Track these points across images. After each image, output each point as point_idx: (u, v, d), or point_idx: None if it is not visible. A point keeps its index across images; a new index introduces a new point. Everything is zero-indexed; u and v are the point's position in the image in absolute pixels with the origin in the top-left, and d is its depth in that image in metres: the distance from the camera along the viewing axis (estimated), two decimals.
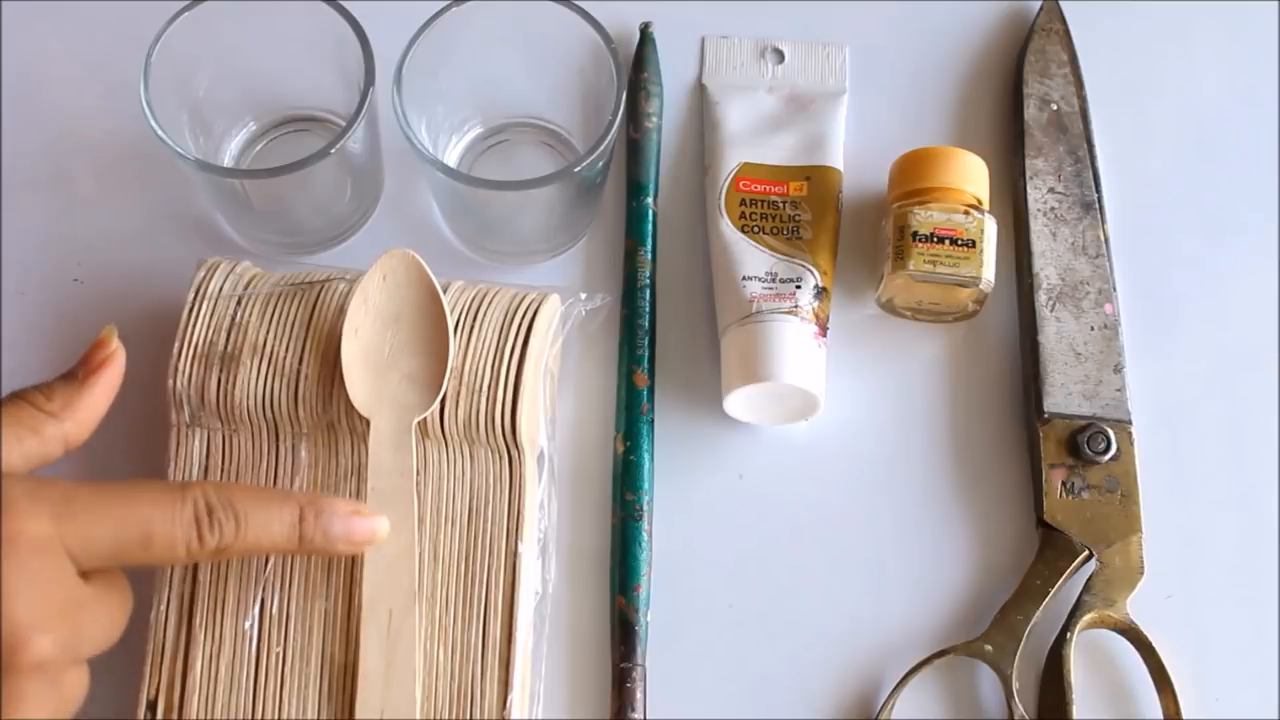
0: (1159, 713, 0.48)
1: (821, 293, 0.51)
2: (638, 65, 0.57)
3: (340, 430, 0.48)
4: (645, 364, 0.53)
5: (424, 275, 0.47)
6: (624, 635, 0.49)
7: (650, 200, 0.55)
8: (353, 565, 0.46)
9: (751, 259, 0.52)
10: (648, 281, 0.54)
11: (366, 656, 0.45)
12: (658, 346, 0.54)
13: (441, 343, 0.46)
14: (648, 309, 0.54)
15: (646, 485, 0.51)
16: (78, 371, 0.43)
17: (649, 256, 0.54)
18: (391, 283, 0.47)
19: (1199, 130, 0.58)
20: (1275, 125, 0.58)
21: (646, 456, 0.51)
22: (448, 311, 0.46)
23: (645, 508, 0.51)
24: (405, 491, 0.46)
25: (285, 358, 0.48)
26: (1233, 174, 0.57)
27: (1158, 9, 0.60)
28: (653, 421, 0.52)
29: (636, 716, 0.48)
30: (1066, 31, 0.57)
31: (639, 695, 0.48)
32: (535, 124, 0.56)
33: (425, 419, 0.46)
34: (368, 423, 0.46)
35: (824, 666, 0.50)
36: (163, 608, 0.47)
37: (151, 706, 0.46)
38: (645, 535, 0.50)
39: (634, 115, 0.57)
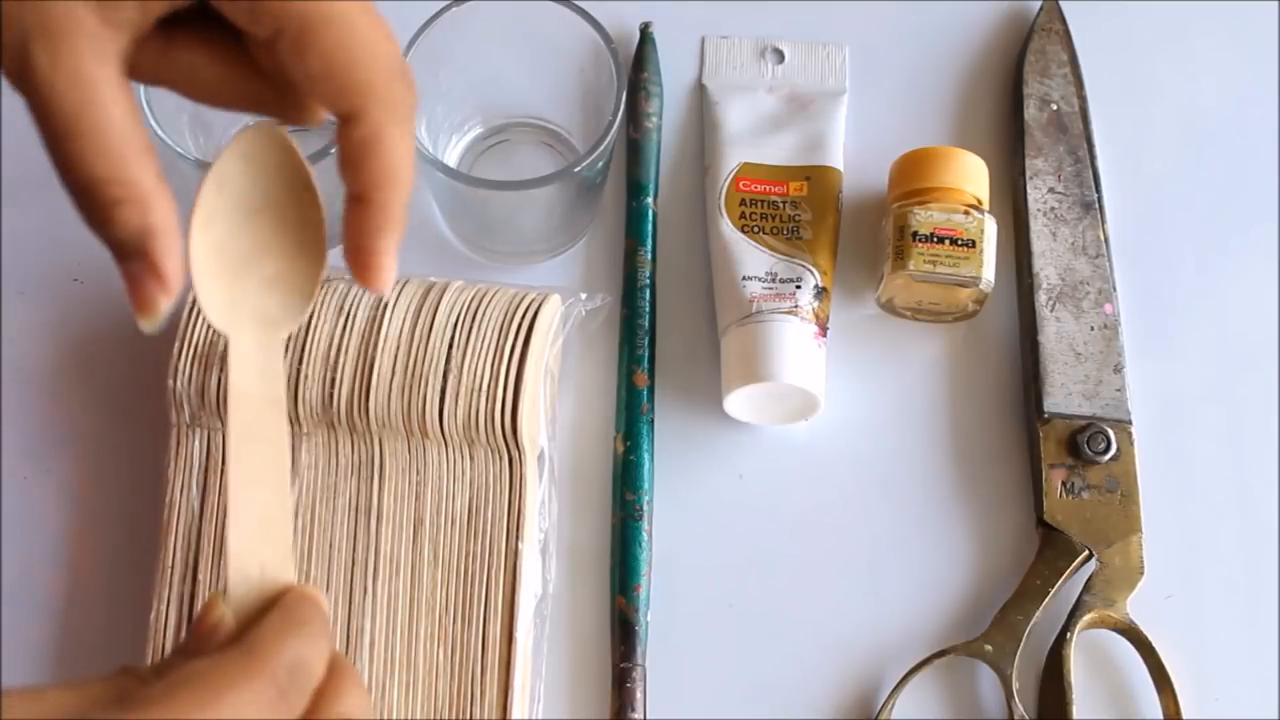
0: (1159, 713, 0.48)
1: (821, 293, 0.51)
2: (638, 65, 0.57)
3: (340, 430, 0.47)
4: (645, 364, 0.53)
5: (295, 158, 0.36)
6: (624, 635, 0.49)
7: (650, 200, 0.55)
8: (353, 568, 0.46)
9: (751, 259, 0.52)
10: (648, 281, 0.54)
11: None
12: (658, 346, 0.54)
13: (315, 240, 0.36)
14: (648, 309, 0.54)
15: (646, 485, 0.51)
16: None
17: (649, 256, 0.54)
18: (256, 165, 0.36)
19: (1199, 130, 0.58)
20: (1275, 125, 0.58)
21: (646, 456, 0.51)
22: (322, 203, 0.36)
23: (645, 508, 0.51)
24: (276, 428, 0.35)
25: (284, 357, 0.48)
26: (1233, 174, 0.57)
27: (1158, 9, 0.60)
28: (653, 421, 0.52)
29: (636, 716, 0.48)
30: (1066, 31, 0.57)
31: (639, 695, 0.48)
32: (535, 124, 0.56)
33: (425, 417, 0.46)
34: (367, 420, 0.46)
35: (824, 666, 0.50)
36: (163, 608, 0.47)
37: None
38: (645, 535, 0.50)
39: (634, 115, 0.57)
